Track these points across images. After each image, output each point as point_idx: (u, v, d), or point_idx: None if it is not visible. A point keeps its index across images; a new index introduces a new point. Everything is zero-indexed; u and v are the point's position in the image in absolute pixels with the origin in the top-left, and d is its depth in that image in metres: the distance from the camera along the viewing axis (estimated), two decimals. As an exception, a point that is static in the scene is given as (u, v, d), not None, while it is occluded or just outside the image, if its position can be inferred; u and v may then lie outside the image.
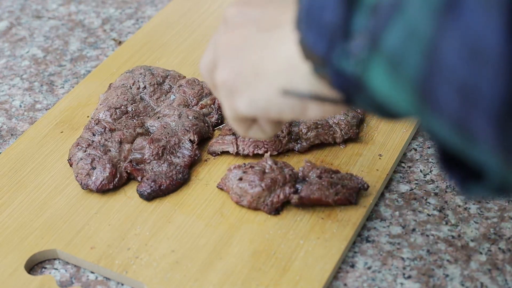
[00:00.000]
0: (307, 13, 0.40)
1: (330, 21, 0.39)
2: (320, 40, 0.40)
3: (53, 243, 0.62)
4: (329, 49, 0.39)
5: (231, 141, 0.69)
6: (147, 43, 0.87)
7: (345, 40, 0.38)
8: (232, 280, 0.58)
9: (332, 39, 0.39)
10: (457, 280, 0.59)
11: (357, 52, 0.38)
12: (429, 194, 0.67)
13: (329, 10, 0.39)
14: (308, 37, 0.41)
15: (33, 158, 0.71)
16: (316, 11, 0.40)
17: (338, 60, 0.39)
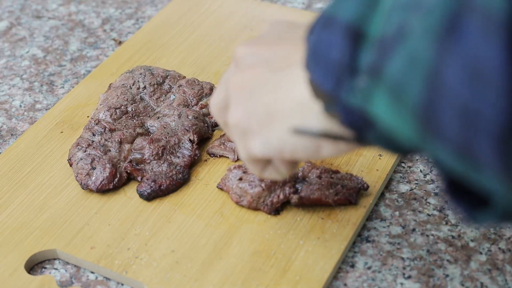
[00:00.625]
0: (314, 51, 0.41)
1: (336, 58, 0.39)
2: (327, 77, 0.40)
3: (53, 243, 0.62)
4: (336, 86, 0.39)
5: (233, 148, 0.69)
6: (147, 43, 0.87)
7: (352, 76, 0.38)
8: (232, 280, 0.58)
9: (340, 76, 0.39)
10: (457, 280, 0.59)
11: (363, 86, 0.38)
12: (429, 194, 0.67)
13: (336, 47, 0.39)
14: (316, 75, 0.41)
15: (33, 158, 0.71)
16: (323, 49, 0.40)
17: (346, 96, 0.39)
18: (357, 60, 0.38)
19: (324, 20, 0.40)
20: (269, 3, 0.95)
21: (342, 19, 0.39)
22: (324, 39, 0.40)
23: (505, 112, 0.30)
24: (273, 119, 0.46)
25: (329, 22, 0.40)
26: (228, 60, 0.84)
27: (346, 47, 0.38)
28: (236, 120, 0.49)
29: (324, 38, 0.40)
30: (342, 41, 0.39)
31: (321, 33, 0.40)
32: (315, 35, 0.41)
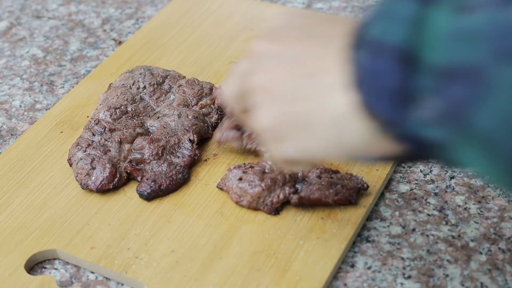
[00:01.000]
0: (369, 78, 0.39)
1: (393, 85, 0.38)
2: (384, 105, 0.39)
3: (53, 243, 0.62)
4: (394, 113, 0.39)
5: (237, 137, 0.69)
6: (147, 43, 0.87)
7: (412, 102, 0.38)
8: (232, 280, 0.58)
9: (397, 103, 0.38)
10: (457, 280, 0.59)
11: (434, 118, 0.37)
12: (429, 194, 0.67)
13: (390, 74, 0.38)
14: (371, 102, 0.40)
15: (33, 158, 0.71)
16: (377, 76, 0.39)
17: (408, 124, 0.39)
18: (414, 86, 0.37)
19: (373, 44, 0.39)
20: (269, 3, 0.95)
21: (391, 44, 0.38)
22: (377, 66, 0.39)
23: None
24: (309, 128, 0.45)
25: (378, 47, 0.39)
26: (228, 60, 0.84)
27: (401, 73, 0.37)
28: (267, 125, 0.48)
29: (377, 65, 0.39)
30: (395, 67, 0.38)
31: (372, 58, 0.39)
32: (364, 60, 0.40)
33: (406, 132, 0.39)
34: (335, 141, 0.44)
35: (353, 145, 0.44)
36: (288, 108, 0.46)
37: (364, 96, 0.40)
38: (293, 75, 0.45)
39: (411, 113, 0.38)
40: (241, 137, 0.69)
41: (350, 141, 0.44)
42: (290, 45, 0.46)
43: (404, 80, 0.37)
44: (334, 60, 0.43)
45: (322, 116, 0.44)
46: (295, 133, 0.46)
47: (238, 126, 0.69)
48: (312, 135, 0.45)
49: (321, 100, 0.44)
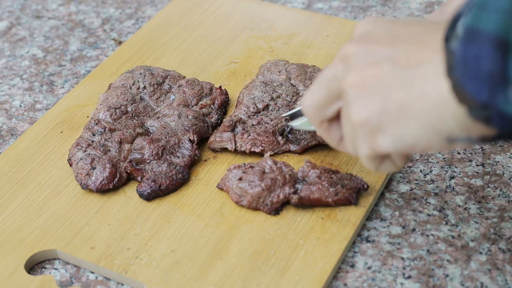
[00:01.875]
0: (463, 64, 0.42)
1: (488, 69, 0.41)
2: (481, 89, 0.41)
3: (53, 243, 0.62)
4: (491, 96, 0.41)
5: (229, 138, 0.70)
6: (147, 43, 0.87)
7: (506, 85, 0.40)
8: (232, 280, 0.58)
9: (493, 87, 0.41)
10: (457, 280, 0.59)
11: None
12: (429, 194, 0.67)
13: (486, 59, 0.40)
14: (468, 87, 0.42)
15: (33, 158, 0.71)
16: (472, 61, 0.41)
17: (501, 105, 0.41)
18: (508, 70, 0.40)
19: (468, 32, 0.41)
20: (269, 3, 0.95)
21: (487, 31, 0.40)
22: (472, 52, 0.41)
23: None
24: (408, 117, 0.47)
25: (473, 34, 0.41)
26: (228, 60, 0.84)
27: (497, 58, 0.40)
28: (364, 118, 0.49)
29: (472, 51, 0.41)
30: (492, 53, 0.40)
31: (467, 45, 0.41)
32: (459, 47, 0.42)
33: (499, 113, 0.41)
34: (431, 128, 0.46)
35: (448, 129, 0.45)
36: (386, 99, 0.47)
37: (459, 81, 0.42)
38: (390, 69, 0.47)
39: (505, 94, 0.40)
40: (234, 138, 0.69)
41: (446, 125, 0.45)
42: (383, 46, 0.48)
43: (500, 64, 0.40)
44: (430, 52, 0.45)
45: (420, 103, 0.46)
46: (393, 122, 0.48)
47: (231, 127, 0.69)
48: (409, 123, 0.47)
49: (419, 88, 0.46)
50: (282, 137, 0.69)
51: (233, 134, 0.70)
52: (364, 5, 0.97)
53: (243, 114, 0.72)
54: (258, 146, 0.69)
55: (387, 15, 0.94)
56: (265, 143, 0.69)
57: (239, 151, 0.70)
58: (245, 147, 0.69)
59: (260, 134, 0.69)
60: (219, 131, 0.70)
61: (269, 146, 0.69)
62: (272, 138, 0.69)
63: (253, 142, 0.69)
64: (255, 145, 0.69)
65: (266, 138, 0.69)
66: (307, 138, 0.69)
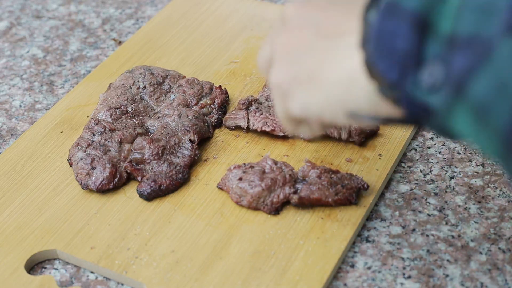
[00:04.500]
0: (376, 37, 0.40)
1: (402, 48, 0.38)
2: (391, 67, 0.39)
3: (53, 243, 0.62)
4: (401, 76, 0.39)
5: (243, 116, 0.72)
6: (147, 43, 0.87)
7: (418, 68, 0.38)
8: (232, 280, 0.58)
9: (405, 67, 0.39)
10: (457, 280, 0.59)
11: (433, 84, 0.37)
12: (429, 194, 0.67)
13: (401, 37, 0.38)
14: (378, 62, 0.40)
15: (33, 158, 0.71)
16: (387, 37, 0.39)
17: (410, 88, 0.39)
18: (423, 52, 0.38)
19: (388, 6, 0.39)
20: (269, 3, 0.95)
21: (408, 8, 0.38)
22: (389, 27, 0.39)
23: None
24: (316, 85, 0.46)
25: (394, 9, 0.39)
26: (228, 60, 0.84)
27: (413, 38, 0.38)
28: (278, 80, 0.49)
29: (389, 26, 0.39)
30: (409, 31, 0.38)
31: (384, 19, 0.39)
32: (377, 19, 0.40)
33: (407, 95, 0.39)
34: (338, 99, 0.45)
35: (356, 104, 0.44)
36: (300, 64, 0.47)
37: (371, 55, 0.41)
38: (312, 35, 0.47)
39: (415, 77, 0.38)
40: (248, 116, 0.71)
41: (354, 100, 0.44)
42: (316, 11, 0.48)
43: (416, 45, 0.38)
44: (354, 23, 0.43)
45: (330, 73, 0.45)
46: (303, 88, 0.47)
47: (245, 105, 0.72)
48: (319, 91, 0.46)
49: (333, 58, 0.45)
50: None
51: (246, 112, 0.72)
52: (364, 5, 0.97)
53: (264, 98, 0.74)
54: (269, 126, 0.71)
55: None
56: (276, 123, 0.70)
57: (251, 129, 0.72)
58: (257, 125, 0.71)
59: (272, 114, 0.71)
60: (236, 109, 0.73)
61: (280, 126, 0.70)
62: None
63: (264, 121, 0.71)
64: (266, 124, 0.71)
65: (278, 119, 0.70)
66: None
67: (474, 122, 0.36)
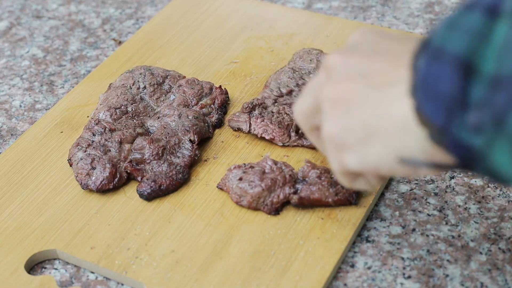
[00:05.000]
0: (423, 82, 0.40)
1: (448, 92, 0.39)
2: (437, 110, 0.39)
3: (53, 243, 0.62)
4: (447, 120, 0.39)
5: (245, 119, 0.71)
6: (147, 43, 0.87)
7: (464, 111, 0.38)
8: (232, 280, 0.58)
9: (450, 110, 0.39)
10: (457, 280, 0.59)
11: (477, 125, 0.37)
12: (429, 194, 0.67)
13: (446, 80, 0.39)
14: (425, 107, 0.40)
15: (33, 158, 0.71)
16: (432, 81, 0.39)
17: (457, 131, 0.39)
18: (468, 95, 0.38)
19: (433, 51, 0.40)
20: (269, 3, 0.95)
21: (452, 52, 0.38)
22: (434, 71, 0.39)
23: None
24: (372, 138, 0.46)
25: (438, 54, 0.39)
26: (228, 60, 0.84)
27: (458, 81, 0.38)
28: (332, 133, 0.49)
29: (434, 70, 0.39)
30: (453, 74, 0.38)
31: (430, 64, 0.40)
32: (423, 65, 0.40)
33: (454, 138, 0.39)
34: (394, 150, 0.45)
35: (410, 153, 0.44)
36: (354, 117, 0.46)
37: (419, 101, 0.41)
38: (362, 86, 0.46)
39: (461, 120, 0.38)
40: (250, 121, 0.71)
41: (408, 148, 0.44)
42: (362, 60, 0.47)
43: (461, 88, 0.38)
44: (403, 72, 0.43)
45: (384, 123, 0.44)
46: (359, 141, 0.47)
47: (249, 109, 0.71)
48: (373, 144, 0.46)
49: (386, 108, 0.44)
50: (296, 133, 0.70)
51: (249, 116, 0.71)
52: (364, 5, 0.97)
53: (267, 98, 0.74)
54: (269, 134, 0.70)
55: (387, 15, 0.94)
56: (275, 133, 0.70)
57: (252, 133, 0.71)
58: (257, 131, 0.71)
59: (273, 123, 0.70)
60: (239, 111, 0.73)
61: (279, 137, 0.70)
62: (284, 131, 0.70)
63: (264, 128, 0.71)
64: (266, 132, 0.71)
65: (278, 128, 0.70)
66: None
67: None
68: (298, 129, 0.70)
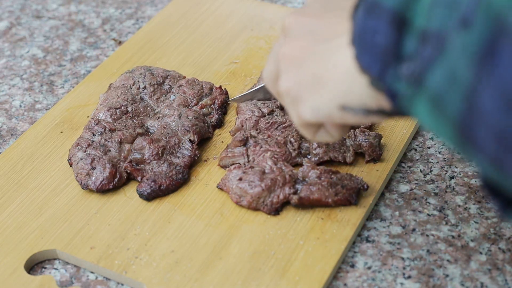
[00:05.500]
0: (359, 34, 0.43)
1: (382, 44, 0.41)
2: (373, 62, 0.42)
3: (52, 243, 0.62)
4: (382, 70, 0.42)
5: (242, 152, 0.68)
6: (147, 43, 0.87)
7: (397, 62, 0.40)
8: (232, 280, 0.58)
9: (385, 62, 0.41)
10: (457, 280, 0.59)
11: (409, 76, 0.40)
12: (429, 194, 0.67)
13: (381, 33, 0.41)
14: (362, 58, 0.43)
15: (33, 158, 0.71)
16: (368, 34, 0.42)
17: (391, 81, 0.41)
18: (401, 47, 0.40)
19: (370, 4, 0.42)
20: (269, 3, 0.95)
21: (387, 6, 0.40)
22: (370, 24, 0.42)
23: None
24: (321, 87, 0.48)
25: (374, 7, 0.41)
26: (228, 60, 0.84)
27: (392, 34, 0.40)
28: (286, 88, 0.52)
29: (369, 23, 0.42)
30: (387, 27, 0.40)
31: (366, 17, 0.42)
32: (360, 17, 0.42)
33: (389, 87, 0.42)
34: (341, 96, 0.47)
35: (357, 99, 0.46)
36: (304, 70, 0.49)
37: (357, 51, 0.43)
38: (312, 42, 0.50)
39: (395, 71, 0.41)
40: (247, 152, 0.68)
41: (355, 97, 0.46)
42: (312, 18, 0.51)
43: (395, 40, 0.40)
44: (347, 24, 0.46)
45: (331, 74, 0.47)
46: (309, 92, 0.49)
47: (242, 142, 0.69)
48: (324, 93, 0.48)
49: (331, 58, 0.47)
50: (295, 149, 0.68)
51: (245, 148, 0.68)
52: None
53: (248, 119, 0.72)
54: (271, 158, 0.67)
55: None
56: (277, 155, 0.67)
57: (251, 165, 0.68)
58: (258, 160, 0.67)
59: (272, 145, 0.68)
60: (230, 147, 0.69)
61: (282, 157, 0.67)
62: (285, 149, 0.68)
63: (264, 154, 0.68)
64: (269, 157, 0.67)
65: (279, 149, 0.67)
66: (319, 153, 0.68)
67: (431, 111, 0.38)
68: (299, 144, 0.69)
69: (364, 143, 0.68)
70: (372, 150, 0.68)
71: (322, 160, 0.68)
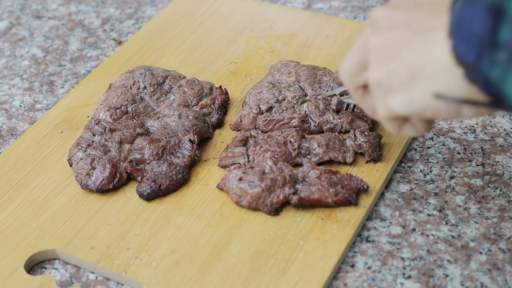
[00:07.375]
0: (457, 24, 0.45)
1: (478, 33, 0.43)
2: (470, 50, 0.44)
3: (52, 243, 0.62)
4: (477, 58, 0.43)
5: (242, 152, 0.68)
6: (147, 43, 0.87)
7: (493, 50, 0.42)
8: (232, 280, 0.58)
9: (481, 50, 0.43)
10: (457, 280, 0.59)
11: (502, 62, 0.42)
12: (429, 194, 0.67)
13: (478, 22, 0.43)
14: (458, 46, 0.45)
15: (33, 158, 0.71)
16: (466, 23, 0.44)
17: (486, 69, 0.43)
18: (497, 36, 0.42)
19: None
20: (269, 3, 0.95)
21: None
22: (467, 14, 0.44)
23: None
24: (416, 80, 0.48)
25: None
26: (228, 60, 0.84)
27: (488, 23, 0.42)
28: (378, 79, 0.51)
29: (467, 13, 0.44)
30: (484, 16, 0.42)
31: (464, 7, 0.44)
32: (459, 8, 0.44)
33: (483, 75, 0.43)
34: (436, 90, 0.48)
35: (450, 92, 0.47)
36: (398, 61, 0.50)
37: (454, 41, 0.45)
38: (405, 33, 0.50)
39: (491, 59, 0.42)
40: (247, 152, 0.68)
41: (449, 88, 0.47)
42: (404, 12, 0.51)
43: (491, 29, 0.42)
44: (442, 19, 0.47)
45: (428, 67, 0.48)
46: (403, 84, 0.50)
47: (243, 142, 0.69)
48: (419, 87, 0.49)
49: (427, 51, 0.48)
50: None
51: (245, 148, 0.68)
52: (364, 5, 0.97)
53: (246, 115, 0.72)
54: (271, 158, 0.67)
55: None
56: (277, 155, 0.67)
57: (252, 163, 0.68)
58: (258, 159, 0.67)
59: (272, 145, 0.68)
60: (231, 146, 0.69)
61: (282, 157, 0.67)
62: (285, 149, 0.68)
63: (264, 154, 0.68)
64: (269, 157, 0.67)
65: (279, 149, 0.68)
66: (319, 153, 0.68)
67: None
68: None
69: (364, 143, 0.68)
70: (372, 150, 0.68)
71: (322, 160, 0.68)
